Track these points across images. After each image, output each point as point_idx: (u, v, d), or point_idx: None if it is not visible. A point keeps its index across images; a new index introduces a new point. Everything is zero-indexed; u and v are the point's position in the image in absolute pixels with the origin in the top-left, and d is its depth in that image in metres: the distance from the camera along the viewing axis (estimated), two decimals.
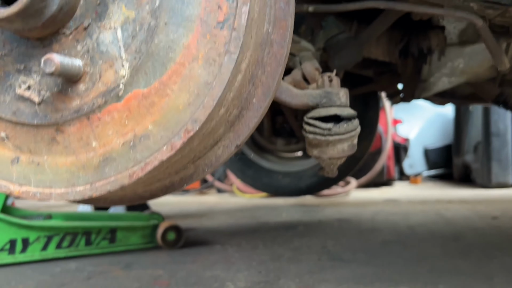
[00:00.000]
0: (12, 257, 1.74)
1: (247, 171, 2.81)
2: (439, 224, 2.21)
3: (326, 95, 0.71)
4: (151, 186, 0.62)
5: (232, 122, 0.58)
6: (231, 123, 0.58)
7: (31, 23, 0.48)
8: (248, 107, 0.59)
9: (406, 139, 4.04)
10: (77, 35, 0.51)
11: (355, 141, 0.73)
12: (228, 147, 0.60)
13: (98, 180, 0.52)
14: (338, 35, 1.12)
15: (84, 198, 0.53)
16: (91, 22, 0.50)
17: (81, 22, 0.50)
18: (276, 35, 0.58)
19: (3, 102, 0.53)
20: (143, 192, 0.63)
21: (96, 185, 0.52)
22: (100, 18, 0.50)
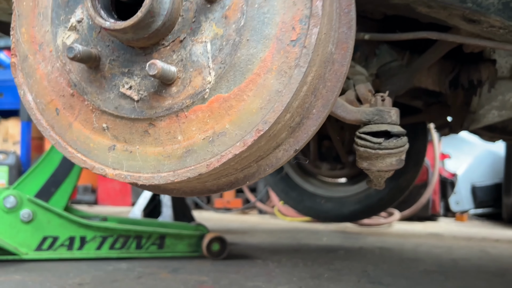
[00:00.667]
0: (70, 252, 1.88)
1: (290, 193, 2.86)
2: (483, 259, 2.17)
3: (378, 112, 0.78)
4: (218, 180, 0.71)
5: (294, 128, 0.67)
6: (292, 129, 0.67)
7: (139, 34, 0.59)
8: (308, 116, 0.67)
9: (453, 175, 3.97)
10: (174, 46, 0.61)
11: (403, 156, 0.79)
12: (288, 151, 0.69)
13: (180, 168, 0.61)
14: (390, 63, 1.20)
15: (166, 182, 0.62)
16: (186, 36, 0.61)
17: (178, 36, 0.61)
18: (337, 55, 0.66)
19: (108, 98, 0.64)
20: (211, 186, 0.72)
21: (178, 172, 0.61)
22: (194, 33, 0.61)
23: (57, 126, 0.67)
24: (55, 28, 0.66)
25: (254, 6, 0.58)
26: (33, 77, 0.69)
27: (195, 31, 0.61)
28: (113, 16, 0.60)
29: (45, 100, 0.68)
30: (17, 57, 0.70)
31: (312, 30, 0.57)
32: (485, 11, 1.01)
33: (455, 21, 1.09)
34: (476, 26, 1.07)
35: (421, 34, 0.99)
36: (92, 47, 0.64)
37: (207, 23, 0.60)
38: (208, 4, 0.60)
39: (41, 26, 0.68)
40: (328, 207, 2.81)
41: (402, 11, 1.15)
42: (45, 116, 0.68)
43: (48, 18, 0.67)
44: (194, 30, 0.61)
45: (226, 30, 0.59)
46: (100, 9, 0.59)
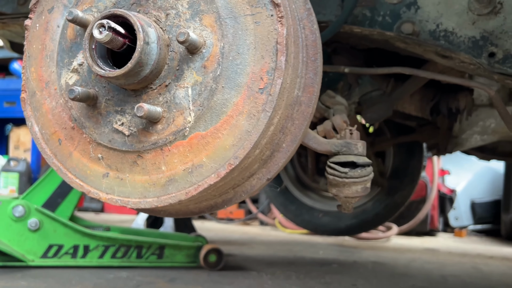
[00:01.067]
0: (74, 260, 1.98)
1: (289, 206, 2.94)
2: (473, 277, 2.22)
3: (346, 145, 0.87)
4: (200, 204, 0.80)
5: (265, 161, 0.76)
6: (264, 161, 0.76)
7: (130, 80, 0.69)
8: (278, 149, 0.77)
9: (452, 190, 4.02)
10: (160, 90, 0.71)
11: (368, 184, 0.88)
12: (261, 179, 0.78)
13: (163, 195, 0.71)
14: (371, 92, 1.28)
15: (151, 207, 0.71)
16: (171, 82, 0.71)
17: (164, 81, 0.71)
18: (304, 97, 0.76)
19: (103, 132, 0.74)
20: (193, 208, 0.81)
21: (161, 198, 0.71)
22: (177, 79, 0.70)
23: (59, 154, 0.77)
24: (60, 69, 0.77)
25: (228, 58, 0.68)
26: (39, 110, 0.79)
27: (179, 78, 0.70)
28: (108, 64, 0.70)
29: (49, 131, 0.78)
30: (27, 93, 0.80)
31: (277, 81, 0.67)
32: (456, 49, 1.10)
33: (430, 55, 1.18)
34: (450, 61, 1.16)
35: (395, 69, 1.08)
36: (91, 87, 0.74)
37: (189, 71, 0.70)
38: (190, 54, 0.69)
39: (48, 67, 0.78)
40: (325, 221, 2.88)
41: (382, 45, 1.24)
42: (49, 145, 0.78)
43: (54, 60, 0.78)
44: (177, 77, 0.70)
45: (205, 78, 0.69)
46: (97, 58, 0.69)
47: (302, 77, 0.74)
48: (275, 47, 0.67)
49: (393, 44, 1.19)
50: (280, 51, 0.66)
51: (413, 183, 2.69)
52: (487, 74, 1.11)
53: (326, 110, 1.14)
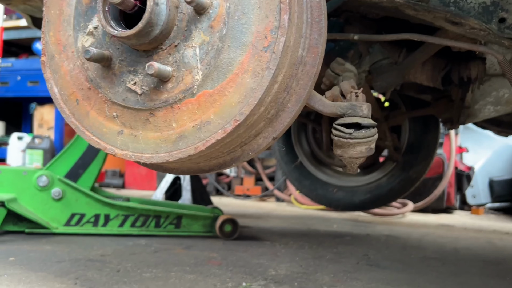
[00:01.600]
0: (95, 229, 2.07)
1: (304, 182, 2.98)
2: (486, 250, 2.24)
3: (351, 107, 0.90)
4: (209, 162, 0.85)
5: (271, 120, 0.80)
6: (269, 120, 0.79)
7: (141, 40, 0.73)
8: (283, 109, 0.80)
9: (470, 168, 3.98)
10: (170, 50, 0.75)
11: (372, 145, 0.91)
12: (267, 138, 0.82)
13: (174, 150, 0.75)
14: (382, 61, 1.30)
15: (163, 162, 0.76)
16: (179, 42, 0.74)
17: (173, 42, 0.74)
18: (309, 58, 0.78)
19: (117, 92, 0.79)
20: (204, 166, 0.86)
21: (172, 153, 0.75)
22: (186, 39, 0.74)
23: (77, 114, 0.82)
24: (76, 33, 0.81)
25: (234, 18, 0.71)
26: (58, 72, 0.84)
27: (187, 38, 0.74)
28: (121, 25, 0.74)
29: (67, 92, 0.83)
30: (46, 56, 0.85)
31: (280, 39, 0.69)
32: (466, 15, 1.10)
33: (440, 22, 1.18)
34: (460, 28, 1.16)
35: (404, 35, 1.09)
36: (105, 49, 0.78)
37: (197, 31, 0.73)
38: (198, 15, 0.73)
39: (65, 31, 0.82)
40: (339, 196, 2.91)
41: (392, 13, 1.25)
42: (68, 105, 0.83)
43: (71, 24, 0.82)
44: (186, 37, 0.74)
45: (212, 38, 0.72)
46: (110, 20, 0.73)
47: (306, 37, 0.77)
48: (278, 6, 0.69)
49: (403, 11, 1.20)
50: (284, 10, 0.69)
51: (429, 159, 2.69)
52: (497, 40, 1.11)
53: (336, 77, 1.16)
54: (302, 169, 3.01)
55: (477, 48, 1.05)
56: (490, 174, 4.14)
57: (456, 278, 1.58)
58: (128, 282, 1.31)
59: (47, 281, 1.30)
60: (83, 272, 1.41)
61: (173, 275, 1.41)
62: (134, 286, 1.28)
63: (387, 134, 2.49)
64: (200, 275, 1.42)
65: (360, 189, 2.85)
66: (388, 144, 2.53)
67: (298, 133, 3.02)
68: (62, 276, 1.35)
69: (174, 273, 1.44)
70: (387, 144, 2.52)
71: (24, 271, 1.39)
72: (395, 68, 1.30)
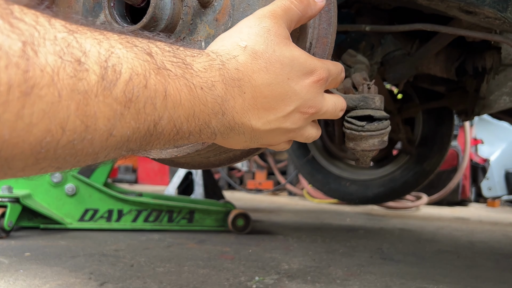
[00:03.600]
0: (109, 224, 2.09)
1: (316, 175, 2.97)
2: (502, 243, 2.21)
3: (363, 99, 0.88)
4: (219, 156, 0.84)
5: None
6: None
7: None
8: None
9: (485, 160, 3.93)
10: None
11: (385, 138, 0.89)
12: None
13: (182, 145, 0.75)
14: (394, 52, 1.27)
15: (171, 157, 0.76)
16: (185, 36, 0.73)
17: (179, 36, 0.73)
18: (318, 49, 0.76)
19: None
20: (214, 160, 0.85)
21: (181, 148, 0.75)
22: (191, 33, 0.73)
23: None
24: None
25: (239, 10, 0.70)
26: None
27: (192, 32, 0.73)
28: (127, 21, 0.74)
29: None
30: None
31: None
32: (480, 3, 1.08)
33: (454, 12, 1.16)
34: (474, 17, 1.14)
35: (416, 25, 1.07)
36: None
37: (202, 25, 0.72)
38: (203, 8, 0.72)
39: None
40: (352, 190, 2.89)
41: (404, 3, 1.23)
42: None
43: None
44: (191, 31, 0.73)
45: (217, 31, 0.71)
46: (116, 15, 0.72)
47: (315, 27, 0.76)
48: None
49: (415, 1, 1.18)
50: None
51: (443, 151, 2.66)
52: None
53: (347, 69, 1.14)
54: (314, 163, 2.99)
55: (492, 38, 1.03)
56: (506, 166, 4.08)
57: (471, 271, 1.56)
58: (141, 276, 1.32)
59: (62, 275, 1.31)
60: (97, 267, 1.42)
61: (186, 270, 1.42)
62: (147, 280, 1.28)
63: (400, 126, 2.47)
64: (213, 270, 1.43)
65: (373, 183, 2.82)
66: (402, 136, 2.50)
67: None
68: (77, 271, 1.37)
69: (187, 268, 1.44)
70: (400, 136, 2.50)
71: (39, 266, 1.40)
72: (408, 60, 1.28)
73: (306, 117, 0.61)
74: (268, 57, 0.56)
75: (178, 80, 0.46)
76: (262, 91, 0.55)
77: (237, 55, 0.54)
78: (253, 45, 0.55)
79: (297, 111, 0.59)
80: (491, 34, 1.03)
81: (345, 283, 1.34)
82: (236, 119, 0.55)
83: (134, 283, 1.25)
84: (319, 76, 0.60)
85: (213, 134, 0.54)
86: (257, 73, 0.55)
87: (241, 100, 0.54)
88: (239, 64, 0.54)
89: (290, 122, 0.60)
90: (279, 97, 0.57)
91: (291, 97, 0.58)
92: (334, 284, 1.32)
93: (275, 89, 0.56)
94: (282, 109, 0.58)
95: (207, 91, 0.49)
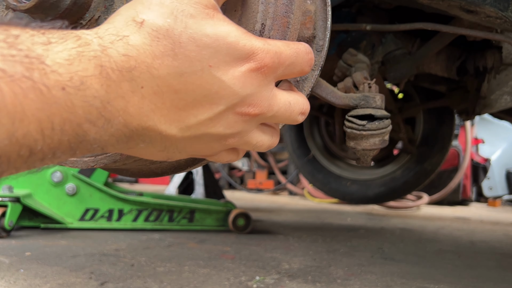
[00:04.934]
0: (109, 223, 2.09)
1: (317, 175, 2.97)
2: (503, 243, 2.20)
3: (364, 98, 0.88)
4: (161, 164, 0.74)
5: None
6: None
7: (51, 14, 0.58)
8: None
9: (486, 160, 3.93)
10: (91, 25, 0.61)
11: (386, 137, 0.89)
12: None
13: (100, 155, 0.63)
14: (395, 51, 1.27)
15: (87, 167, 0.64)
16: (100, 15, 0.61)
17: (93, 15, 0.60)
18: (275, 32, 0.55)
19: None
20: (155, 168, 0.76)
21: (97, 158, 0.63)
22: (107, 11, 0.60)
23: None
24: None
25: None
26: None
27: (109, 9, 0.61)
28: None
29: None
30: None
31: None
32: (481, 2, 1.08)
33: (455, 11, 1.15)
34: (475, 16, 1.13)
35: (417, 25, 1.07)
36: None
37: (119, 0, 0.60)
38: None
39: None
40: (353, 189, 2.89)
41: (405, 2, 1.23)
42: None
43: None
44: (107, 8, 0.61)
45: None
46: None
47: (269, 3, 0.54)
48: None
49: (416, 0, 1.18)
50: None
51: (444, 151, 2.65)
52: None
53: (348, 68, 1.14)
54: (315, 163, 2.99)
55: (493, 37, 1.02)
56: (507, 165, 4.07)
57: (472, 271, 1.56)
58: (142, 276, 1.32)
59: (62, 275, 1.31)
60: (98, 266, 1.42)
61: (186, 269, 1.41)
62: (148, 280, 1.28)
63: (401, 126, 2.46)
64: (213, 269, 1.43)
65: (374, 182, 2.82)
66: (402, 136, 2.50)
67: (310, 126, 3.00)
68: (77, 270, 1.36)
69: (187, 267, 1.44)
70: (401, 136, 2.49)
71: (40, 266, 1.40)
72: (409, 59, 1.28)
73: (247, 120, 0.45)
74: (177, 36, 0.39)
75: (15, 82, 0.32)
76: (170, 84, 0.40)
77: (128, 35, 0.39)
78: (154, 18, 0.39)
79: (231, 111, 0.43)
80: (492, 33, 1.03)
81: (346, 282, 1.33)
82: (133, 124, 0.40)
83: (134, 283, 1.25)
84: (261, 62, 0.43)
85: (100, 148, 0.40)
86: (160, 58, 0.39)
87: (136, 98, 0.39)
88: (129, 47, 0.39)
89: (222, 126, 0.44)
90: (198, 92, 0.41)
91: (219, 92, 0.42)
92: (334, 283, 1.32)
93: (191, 81, 0.40)
94: (206, 109, 0.42)
95: (72, 92, 0.35)
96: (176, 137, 0.43)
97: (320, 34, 0.65)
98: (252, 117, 0.45)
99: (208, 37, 0.40)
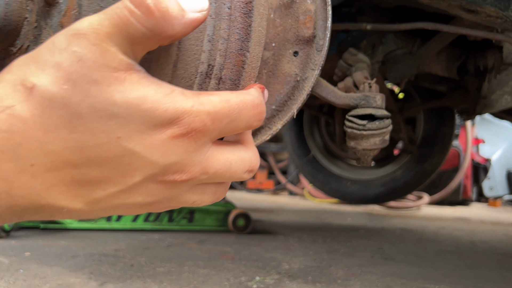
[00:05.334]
0: (109, 224, 2.08)
1: (317, 175, 2.96)
2: (503, 243, 2.20)
3: (365, 98, 0.87)
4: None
5: None
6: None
7: None
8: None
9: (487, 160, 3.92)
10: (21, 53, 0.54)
11: (386, 137, 0.89)
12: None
13: None
14: (395, 51, 1.27)
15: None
16: (29, 44, 0.54)
17: (23, 43, 0.54)
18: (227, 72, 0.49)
19: None
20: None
21: None
22: (36, 41, 0.54)
23: None
24: None
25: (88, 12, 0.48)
26: None
27: (37, 39, 0.54)
28: None
29: None
30: None
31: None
32: (482, 2, 1.07)
33: (455, 11, 1.15)
34: (476, 16, 1.13)
35: (418, 24, 1.06)
36: None
37: (47, 30, 0.53)
38: (47, 7, 0.52)
39: None
40: (353, 189, 2.89)
41: (405, 2, 1.22)
42: None
43: None
44: (36, 37, 0.54)
45: None
46: None
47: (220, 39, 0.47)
48: None
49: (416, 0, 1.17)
50: None
51: (444, 151, 2.65)
52: None
53: (348, 68, 1.14)
54: (315, 163, 2.99)
55: (493, 37, 1.02)
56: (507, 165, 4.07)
57: (472, 271, 1.55)
58: (141, 276, 1.32)
59: (62, 275, 1.30)
60: (97, 266, 1.41)
61: (186, 270, 1.41)
62: (147, 280, 1.28)
63: (401, 126, 2.46)
64: (213, 270, 1.42)
65: (374, 182, 2.82)
66: (403, 136, 2.49)
67: (310, 126, 3.00)
68: (77, 270, 1.36)
69: (187, 268, 1.44)
70: (401, 136, 2.49)
71: (39, 266, 1.40)
72: (409, 58, 1.27)
73: (174, 186, 0.39)
74: (75, 105, 0.33)
75: None
76: (67, 160, 0.34)
77: (14, 105, 0.33)
78: (47, 84, 0.33)
79: (151, 180, 0.37)
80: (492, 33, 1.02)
81: (346, 283, 1.33)
82: (24, 204, 0.35)
83: (134, 283, 1.24)
84: (187, 126, 0.36)
85: None
86: (54, 132, 0.33)
87: (25, 178, 0.34)
88: (14, 121, 0.33)
89: (141, 196, 0.38)
90: (105, 165, 0.35)
91: (131, 164, 0.36)
92: (335, 284, 1.32)
93: (94, 155, 0.35)
94: (116, 182, 0.36)
95: None
96: (84, 210, 0.37)
97: (320, 34, 0.65)
98: (180, 183, 0.38)
99: (116, 106, 0.33)
